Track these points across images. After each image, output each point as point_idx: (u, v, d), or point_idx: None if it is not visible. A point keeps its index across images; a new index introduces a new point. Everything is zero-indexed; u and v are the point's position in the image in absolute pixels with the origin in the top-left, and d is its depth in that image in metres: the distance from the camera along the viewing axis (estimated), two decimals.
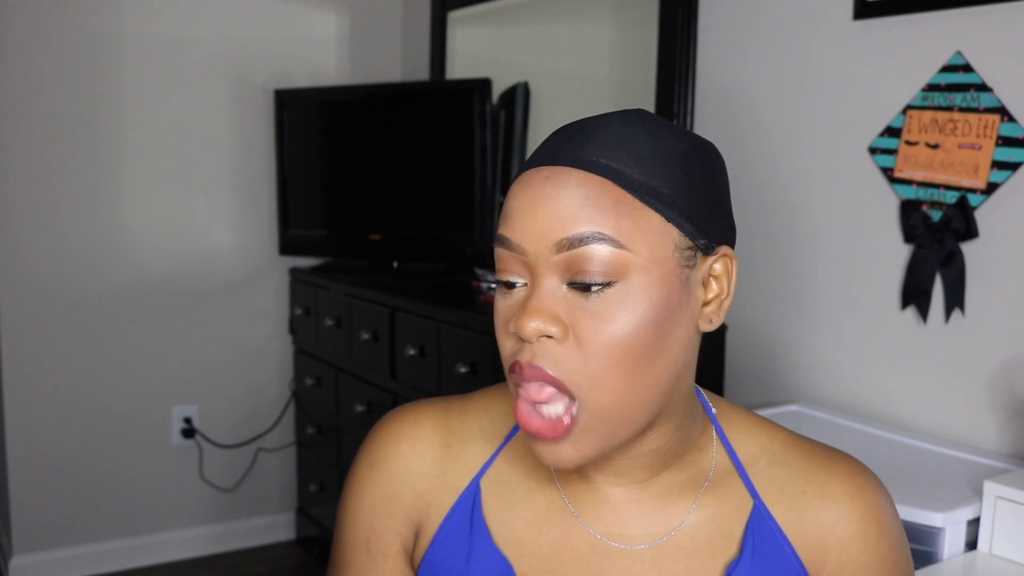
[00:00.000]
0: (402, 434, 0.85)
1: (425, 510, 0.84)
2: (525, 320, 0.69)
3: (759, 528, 0.78)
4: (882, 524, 0.79)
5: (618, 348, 0.69)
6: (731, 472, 0.80)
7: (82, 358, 2.76)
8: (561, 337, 0.69)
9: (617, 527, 0.79)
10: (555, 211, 0.69)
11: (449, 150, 2.56)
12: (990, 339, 1.53)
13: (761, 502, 0.79)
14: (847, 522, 0.78)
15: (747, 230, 1.93)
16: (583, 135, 0.73)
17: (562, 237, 0.69)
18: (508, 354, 0.73)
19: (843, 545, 0.78)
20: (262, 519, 3.08)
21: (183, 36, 2.80)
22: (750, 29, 1.91)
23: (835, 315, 1.78)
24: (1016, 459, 1.48)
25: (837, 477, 0.79)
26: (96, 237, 2.75)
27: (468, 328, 2.07)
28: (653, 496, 0.79)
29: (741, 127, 1.94)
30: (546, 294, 0.70)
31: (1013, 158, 1.47)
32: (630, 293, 0.69)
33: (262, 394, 3.04)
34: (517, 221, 0.71)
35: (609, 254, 0.69)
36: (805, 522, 0.78)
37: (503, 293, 0.74)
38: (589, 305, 0.69)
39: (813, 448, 0.82)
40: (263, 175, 2.96)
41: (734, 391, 1.98)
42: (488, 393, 0.88)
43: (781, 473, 0.80)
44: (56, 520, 2.77)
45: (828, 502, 0.78)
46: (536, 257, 0.70)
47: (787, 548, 0.78)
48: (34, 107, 2.63)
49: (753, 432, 0.83)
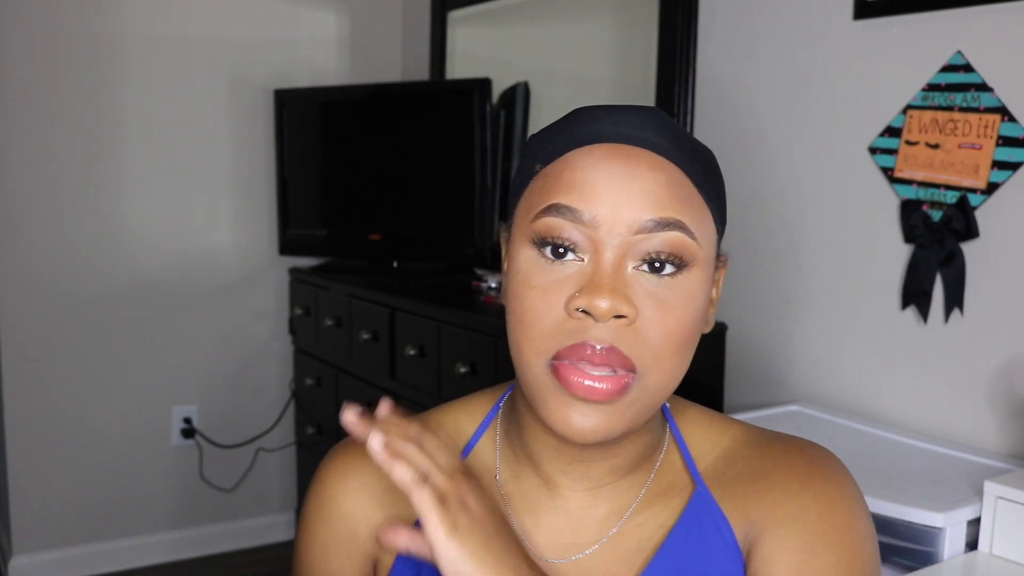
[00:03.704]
0: (348, 468, 0.82)
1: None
2: (600, 298, 0.66)
3: (696, 509, 0.76)
4: (807, 483, 0.75)
5: (679, 334, 0.69)
6: (681, 469, 0.80)
7: (82, 358, 2.76)
8: (631, 320, 0.67)
9: (571, 536, 0.78)
10: (640, 191, 0.68)
11: (449, 150, 2.56)
12: (990, 339, 1.53)
13: (704, 487, 0.78)
14: (774, 491, 0.75)
15: (747, 230, 1.93)
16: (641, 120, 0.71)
17: (648, 218, 0.68)
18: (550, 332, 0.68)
19: (767, 511, 0.74)
20: (262, 519, 3.08)
21: (183, 36, 2.80)
22: (750, 29, 1.91)
23: (835, 315, 1.78)
24: (1016, 459, 1.47)
25: (783, 461, 0.77)
26: (96, 237, 2.75)
27: (468, 328, 2.07)
28: (609, 499, 0.78)
29: (741, 127, 1.94)
30: (617, 272, 0.68)
31: (1013, 158, 1.47)
32: (691, 285, 0.70)
33: (262, 394, 3.04)
34: (592, 194, 0.68)
35: (685, 244, 0.69)
36: (749, 508, 0.76)
37: (546, 264, 0.69)
38: (655, 291, 0.68)
39: (766, 439, 0.80)
40: (263, 175, 2.96)
41: (734, 391, 1.98)
42: (434, 413, 0.86)
43: (728, 464, 0.79)
44: (56, 520, 2.77)
45: (760, 479, 0.76)
46: (609, 233, 0.68)
47: (725, 530, 0.76)
48: (34, 107, 2.63)
49: (706, 428, 0.82)
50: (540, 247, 0.70)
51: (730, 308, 1.97)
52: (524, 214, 0.73)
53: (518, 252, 0.72)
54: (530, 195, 0.73)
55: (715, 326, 1.93)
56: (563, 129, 0.73)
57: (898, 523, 1.27)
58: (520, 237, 0.72)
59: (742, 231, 1.93)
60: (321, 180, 2.88)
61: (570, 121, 0.74)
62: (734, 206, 1.95)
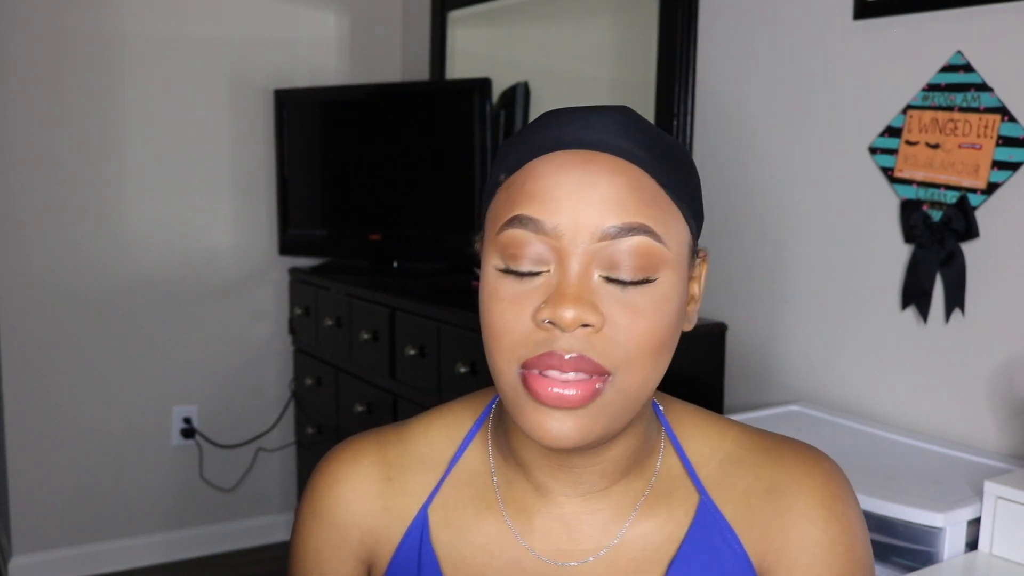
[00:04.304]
0: (341, 475, 0.83)
1: (374, 547, 0.82)
2: (565, 308, 0.65)
3: (703, 524, 0.76)
4: (835, 510, 0.77)
5: (651, 337, 0.68)
6: (682, 475, 0.79)
7: (82, 358, 2.76)
8: (598, 328, 0.67)
9: (569, 543, 0.77)
10: (601, 198, 0.67)
11: (449, 150, 2.56)
12: (990, 339, 1.53)
13: (708, 498, 0.77)
14: (797, 512, 0.76)
15: (747, 229, 1.93)
16: (603, 123, 0.70)
17: (608, 225, 0.67)
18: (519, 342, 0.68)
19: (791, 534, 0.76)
20: (262, 519, 3.08)
21: (183, 36, 2.80)
22: (750, 30, 1.91)
23: (835, 315, 1.77)
24: (1016, 459, 1.47)
25: (786, 468, 0.78)
26: (96, 237, 2.75)
27: (468, 328, 2.07)
28: (606, 506, 0.77)
29: (741, 127, 1.94)
30: (582, 281, 0.67)
31: (1013, 158, 1.47)
32: (661, 288, 0.69)
33: (262, 394, 3.04)
34: (552, 203, 0.67)
35: (649, 247, 0.68)
36: (755, 517, 0.77)
37: (513, 280, 0.69)
38: (624, 297, 0.68)
39: (766, 442, 0.81)
40: (263, 175, 2.96)
41: (734, 391, 1.98)
42: (425, 419, 0.86)
43: (731, 470, 0.79)
44: (56, 520, 2.76)
45: (776, 494, 0.77)
46: (573, 242, 0.67)
47: (734, 543, 0.76)
48: (34, 107, 2.63)
49: (704, 431, 0.81)
50: (505, 262, 0.69)
51: (730, 308, 1.97)
52: (491, 225, 0.72)
53: (487, 263, 0.71)
54: (496, 205, 0.72)
55: (715, 326, 1.95)
56: (527, 137, 0.72)
57: (898, 523, 1.27)
58: (489, 247, 0.72)
59: (742, 231, 1.93)
60: (321, 180, 2.88)
61: (533, 128, 0.73)
62: (733, 205, 1.96)
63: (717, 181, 1.97)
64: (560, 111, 0.73)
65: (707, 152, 2.01)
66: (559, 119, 0.72)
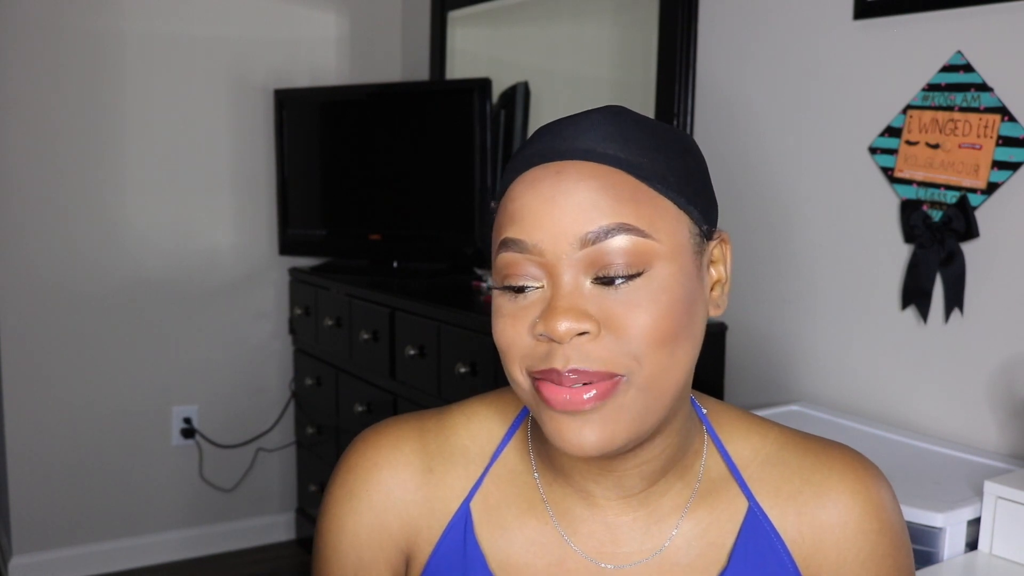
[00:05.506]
0: (380, 460, 0.81)
1: (414, 538, 0.81)
2: (556, 321, 0.66)
3: (752, 532, 0.77)
4: (883, 519, 0.78)
5: (655, 329, 0.67)
6: (726, 477, 0.79)
7: (82, 357, 2.76)
8: (595, 333, 0.67)
9: (612, 545, 0.77)
10: (575, 206, 0.67)
11: (449, 150, 2.56)
12: (990, 339, 1.53)
13: (756, 504, 0.77)
14: (846, 520, 0.77)
15: (747, 229, 1.93)
16: (577, 130, 0.71)
17: (586, 232, 0.67)
18: (525, 354, 0.70)
19: (841, 543, 0.77)
20: (262, 519, 3.08)
21: (183, 36, 2.80)
22: (750, 29, 1.91)
23: (835, 315, 1.77)
24: (1016, 459, 1.47)
25: (835, 473, 0.78)
26: (96, 237, 2.75)
27: (468, 328, 2.07)
28: (649, 509, 0.77)
29: (741, 127, 1.94)
30: (572, 291, 0.68)
31: (1013, 158, 1.47)
32: (656, 281, 0.68)
33: (262, 394, 3.04)
34: (531, 221, 0.68)
35: (634, 244, 0.67)
36: (803, 522, 0.77)
37: (511, 297, 0.70)
38: (618, 296, 0.67)
39: (809, 444, 0.81)
40: (263, 175, 2.96)
41: (734, 391, 1.98)
42: (464, 408, 0.85)
43: (776, 473, 0.78)
44: (56, 520, 2.77)
45: (825, 500, 0.77)
46: (556, 256, 0.68)
47: (782, 551, 0.77)
48: (34, 107, 2.63)
49: (745, 432, 0.81)
50: (503, 282, 0.71)
51: (730, 308, 1.97)
52: (493, 248, 0.74)
53: (493, 280, 0.73)
54: (493, 231, 0.74)
55: (715, 326, 1.95)
56: (513, 159, 0.74)
57: None
58: (493, 269, 0.73)
59: (742, 231, 1.93)
60: (321, 180, 2.88)
61: (520, 149, 0.74)
62: (734, 205, 1.96)
63: (717, 181, 1.95)
64: (543, 126, 0.74)
65: (707, 152, 1.99)
66: (540, 135, 0.73)
